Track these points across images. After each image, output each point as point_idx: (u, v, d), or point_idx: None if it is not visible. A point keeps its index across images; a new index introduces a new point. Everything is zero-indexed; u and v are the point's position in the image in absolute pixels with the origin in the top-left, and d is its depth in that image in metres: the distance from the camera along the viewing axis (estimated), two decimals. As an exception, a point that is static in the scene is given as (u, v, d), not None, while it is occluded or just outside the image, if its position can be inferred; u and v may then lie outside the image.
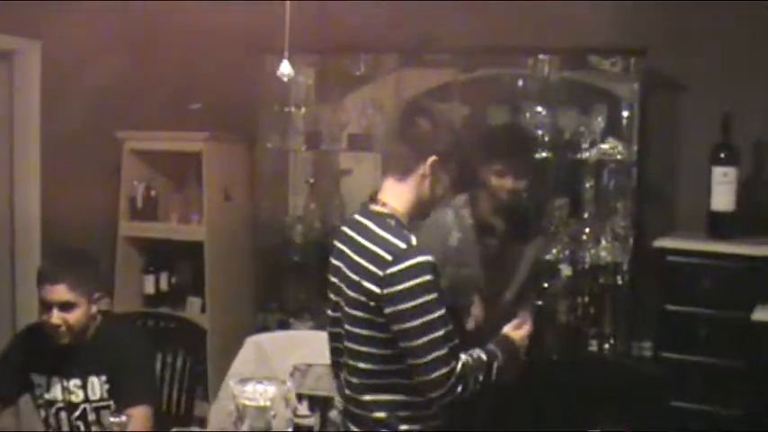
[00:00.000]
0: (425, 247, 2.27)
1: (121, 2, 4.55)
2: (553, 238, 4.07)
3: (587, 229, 4.07)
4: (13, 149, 4.36)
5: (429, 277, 2.23)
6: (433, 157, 2.33)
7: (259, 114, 4.55)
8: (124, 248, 4.83)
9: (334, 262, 2.45)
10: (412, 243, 2.25)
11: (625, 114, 3.98)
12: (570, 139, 4.00)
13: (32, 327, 3.09)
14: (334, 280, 2.44)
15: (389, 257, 2.23)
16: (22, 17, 4.08)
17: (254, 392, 2.43)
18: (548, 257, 4.02)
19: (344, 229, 2.46)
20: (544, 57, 4.05)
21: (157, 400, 3.10)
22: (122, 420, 2.50)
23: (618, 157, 3.97)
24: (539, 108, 4.04)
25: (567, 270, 4.00)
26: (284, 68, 2.66)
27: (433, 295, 2.23)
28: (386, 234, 2.28)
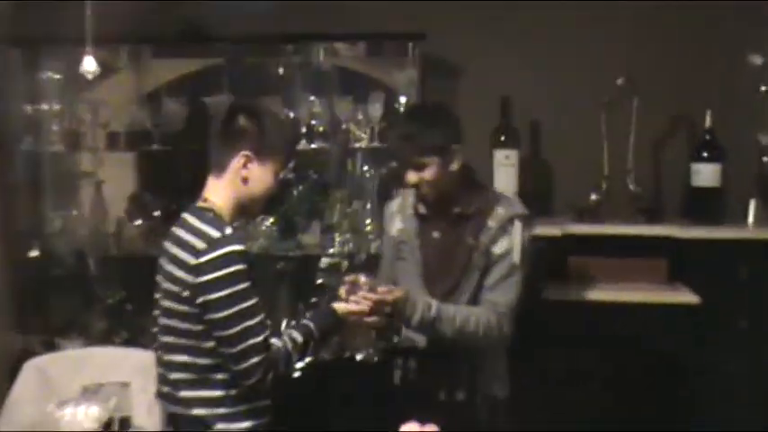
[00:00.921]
0: (237, 237, 2.34)
1: None
2: (336, 230, 3.98)
3: (369, 221, 3.98)
4: None
5: (241, 266, 2.28)
6: (244, 153, 2.38)
7: (7, 114, 4.15)
8: None
9: (160, 261, 2.48)
10: (226, 233, 2.31)
11: (403, 101, 3.89)
12: (347, 128, 3.91)
13: None
14: (158, 278, 2.48)
15: (202, 246, 2.29)
16: None
17: (76, 415, 2.42)
18: (331, 251, 3.95)
19: (173, 227, 2.49)
20: (318, 44, 3.99)
21: None
22: None
23: None
24: (312, 98, 3.93)
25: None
26: (88, 65, 2.69)
27: (246, 284, 2.28)
28: (201, 225, 2.34)
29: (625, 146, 3.80)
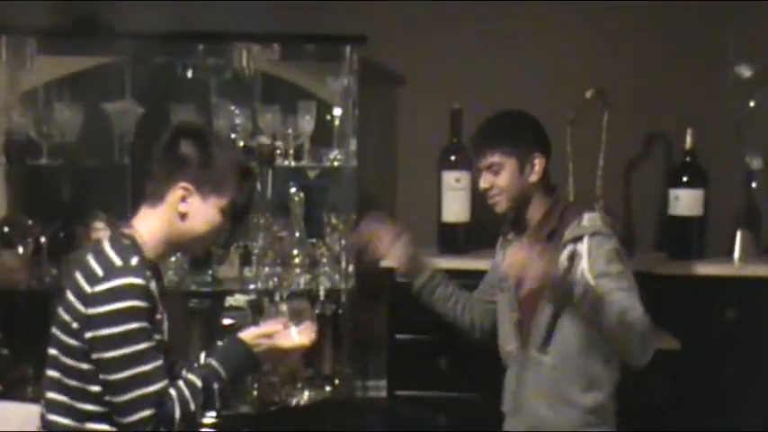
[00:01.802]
0: (140, 270, 2.17)
1: None
2: (258, 262, 3.70)
3: (296, 252, 3.68)
4: None
5: (137, 303, 2.15)
6: (183, 185, 2.26)
7: None
8: None
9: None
10: (131, 263, 2.18)
11: (337, 113, 3.70)
12: (273, 143, 3.65)
13: None
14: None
15: (100, 273, 2.17)
16: None
17: None
18: (256, 287, 3.68)
19: (85, 249, 2.39)
20: (240, 45, 3.67)
21: None
22: None
23: (332, 163, 3.69)
24: (232, 107, 3.66)
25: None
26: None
27: (141, 324, 2.15)
28: (109, 250, 2.22)
29: (593, 168, 3.62)
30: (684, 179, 3.59)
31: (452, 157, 3.59)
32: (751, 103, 3.55)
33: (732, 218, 3.64)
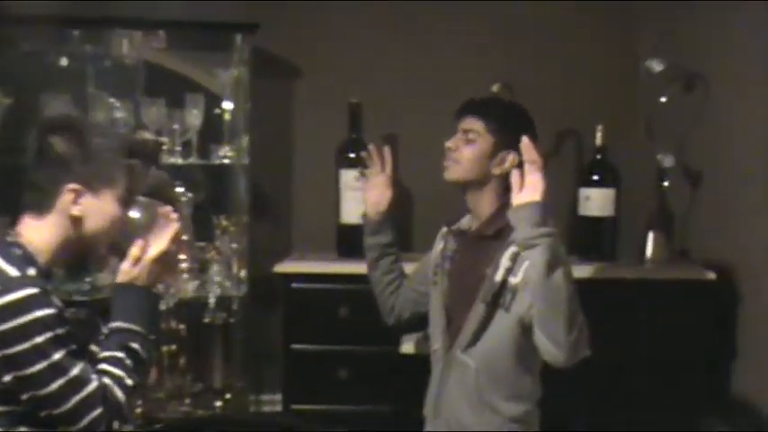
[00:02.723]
0: (40, 279, 2.09)
1: None
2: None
3: (183, 256, 3.51)
4: None
5: (45, 311, 2.04)
6: (71, 187, 2.15)
7: None
8: None
9: None
10: (28, 273, 2.09)
11: (228, 106, 3.65)
12: (158, 138, 3.56)
13: None
14: None
15: None
16: None
17: None
18: None
19: None
20: (121, 32, 3.58)
21: None
22: None
23: (223, 161, 3.64)
24: (112, 99, 3.55)
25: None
26: None
27: (54, 332, 2.05)
28: (1, 261, 2.11)
29: None
30: (595, 178, 3.52)
31: (351, 154, 3.52)
32: (662, 99, 3.50)
33: (643, 218, 3.60)
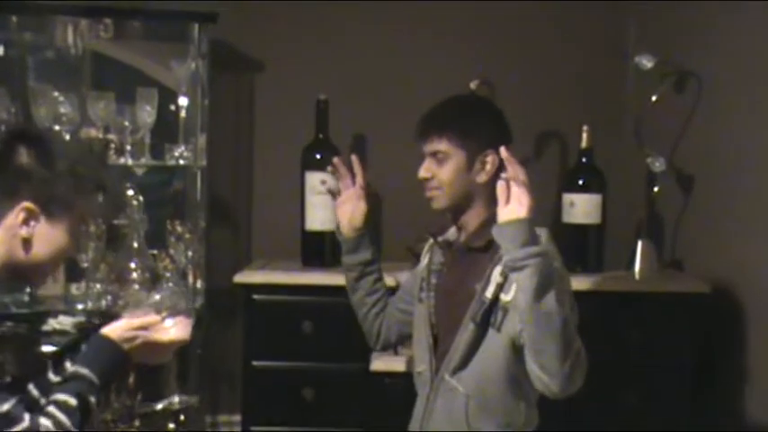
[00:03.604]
0: None
1: None
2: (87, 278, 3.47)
3: (134, 265, 3.44)
4: None
5: None
6: (25, 205, 2.06)
7: None
8: None
9: None
10: None
11: (183, 102, 3.50)
12: (106, 136, 3.41)
13: None
14: None
15: None
16: None
17: None
18: (85, 307, 3.43)
19: None
20: (65, 19, 3.44)
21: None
22: None
23: (178, 162, 3.49)
24: (56, 93, 3.37)
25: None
26: None
27: None
28: None
29: None
30: (580, 182, 3.42)
31: (318, 156, 3.41)
32: (653, 98, 3.38)
33: (632, 226, 3.53)
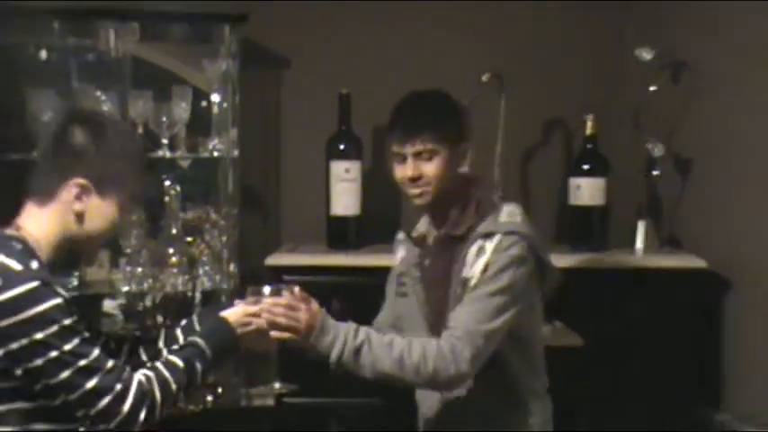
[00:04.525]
0: (44, 271, 2.04)
1: None
2: (131, 263, 3.52)
3: (172, 250, 3.52)
4: None
5: (53, 302, 2.00)
6: (79, 181, 2.10)
7: None
8: None
9: None
10: (31, 266, 2.03)
11: (216, 99, 3.54)
12: (146, 132, 3.44)
13: None
14: None
15: None
16: None
17: None
18: (126, 289, 3.51)
19: None
20: (105, 23, 3.45)
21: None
22: None
23: (212, 154, 3.55)
24: (98, 92, 3.43)
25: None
26: None
27: (67, 320, 2.01)
28: (1, 256, 2.05)
29: (490, 156, 3.55)
30: (585, 167, 3.50)
31: (341, 146, 3.49)
32: (652, 88, 3.47)
33: (633, 207, 3.58)
